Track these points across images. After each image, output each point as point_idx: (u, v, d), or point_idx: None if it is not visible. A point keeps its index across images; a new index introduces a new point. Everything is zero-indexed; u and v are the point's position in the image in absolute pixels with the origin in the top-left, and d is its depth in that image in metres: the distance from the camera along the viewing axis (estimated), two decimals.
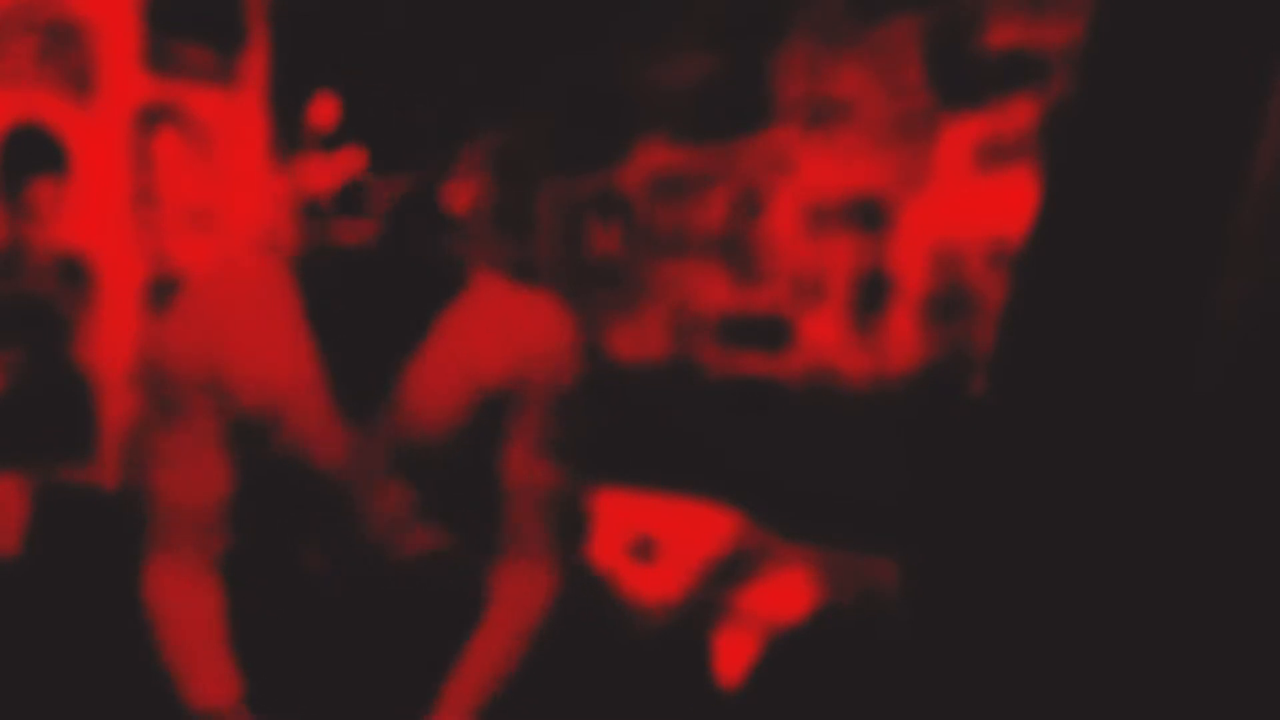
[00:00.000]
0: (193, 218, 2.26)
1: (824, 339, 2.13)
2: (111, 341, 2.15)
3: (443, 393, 1.14)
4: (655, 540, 1.96)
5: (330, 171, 1.03)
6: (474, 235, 2.83)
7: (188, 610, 1.13)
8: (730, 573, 1.89)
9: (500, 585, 1.21)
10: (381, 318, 1.13)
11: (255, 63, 2.29)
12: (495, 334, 1.16)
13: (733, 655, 1.73)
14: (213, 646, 1.12)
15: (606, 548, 1.96)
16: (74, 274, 2.10)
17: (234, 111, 2.27)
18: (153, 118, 2.17)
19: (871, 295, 2.04)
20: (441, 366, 1.14)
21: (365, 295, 1.11)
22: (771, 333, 2.23)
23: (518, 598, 1.20)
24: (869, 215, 2.04)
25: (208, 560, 1.16)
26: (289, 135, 1.06)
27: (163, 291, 2.19)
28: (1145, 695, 1.09)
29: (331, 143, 1.03)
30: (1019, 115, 1.78)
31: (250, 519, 1.18)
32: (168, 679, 1.13)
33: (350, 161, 1.02)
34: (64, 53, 2.04)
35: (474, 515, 1.23)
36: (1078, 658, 1.14)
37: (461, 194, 1.10)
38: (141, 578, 1.16)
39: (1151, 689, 1.09)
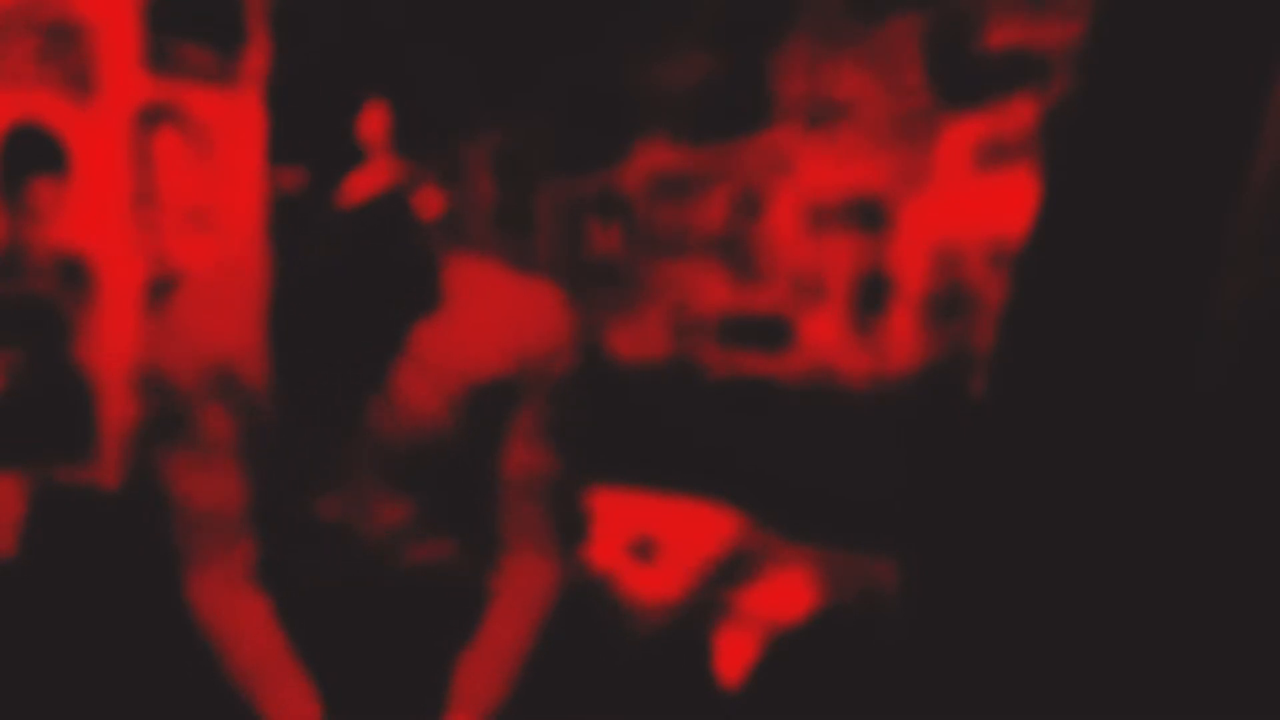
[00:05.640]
0: (193, 218, 2.26)
1: (824, 339, 2.13)
2: (111, 341, 2.15)
3: (435, 395, 1.13)
4: (655, 540, 1.96)
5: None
6: (474, 235, 2.83)
7: (249, 627, 1.12)
8: (730, 573, 1.89)
9: (507, 576, 1.20)
10: (357, 324, 1.11)
11: (255, 63, 2.28)
12: (489, 327, 1.15)
13: (733, 655, 1.73)
14: (286, 664, 1.11)
15: (606, 548, 1.96)
16: (74, 274, 2.10)
17: (234, 111, 2.27)
18: (153, 118, 2.17)
19: (871, 295, 2.04)
20: (430, 368, 1.13)
21: (338, 302, 1.09)
22: (771, 333, 2.23)
23: (526, 588, 1.19)
24: (869, 215, 2.04)
25: (249, 571, 1.15)
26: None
27: (163, 291, 2.19)
28: (1145, 694, 1.09)
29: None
30: (1019, 115, 1.78)
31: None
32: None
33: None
34: (64, 53, 2.03)
35: (477, 518, 1.22)
36: (1077, 657, 1.14)
37: (434, 200, 1.08)
38: (187, 595, 1.14)
39: (1151, 688, 1.09)
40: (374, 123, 0.99)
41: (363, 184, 0.99)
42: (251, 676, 1.10)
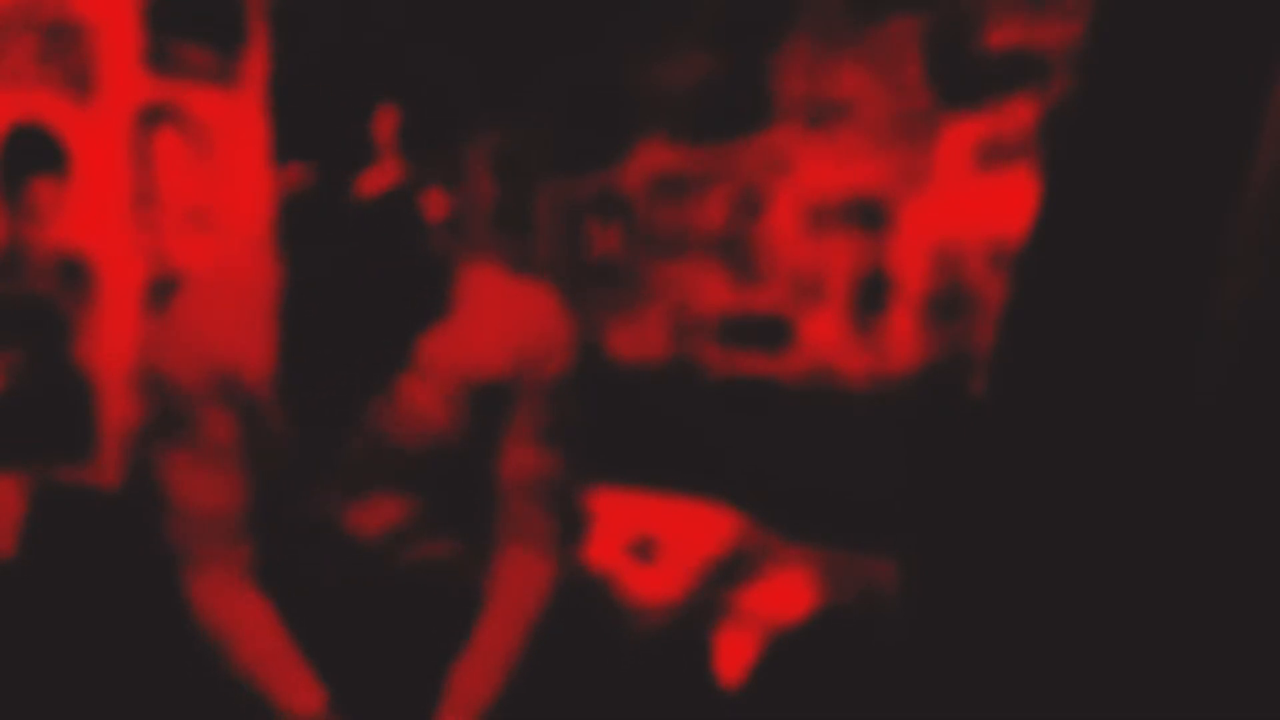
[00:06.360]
0: (193, 218, 2.26)
1: (824, 339, 2.13)
2: (111, 341, 2.15)
3: (435, 395, 1.14)
4: (655, 540, 1.96)
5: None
6: (473, 235, 2.83)
7: (250, 622, 1.13)
8: (730, 573, 1.89)
9: (501, 577, 1.20)
10: (362, 323, 1.12)
11: (255, 63, 2.28)
12: (488, 329, 1.16)
13: (733, 655, 1.73)
14: (289, 655, 1.12)
15: (606, 548, 1.96)
16: (74, 274, 2.09)
17: (234, 111, 2.27)
18: (153, 118, 2.17)
19: (871, 295, 2.04)
20: (431, 369, 1.13)
21: (348, 303, 1.10)
22: (771, 333, 2.23)
23: (519, 589, 1.20)
24: (869, 215, 2.04)
25: (247, 572, 1.15)
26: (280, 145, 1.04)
27: (163, 291, 2.19)
28: (1145, 694, 1.09)
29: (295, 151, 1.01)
30: (1019, 115, 1.78)
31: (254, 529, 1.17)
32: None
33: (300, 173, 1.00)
34: (64, 53, 2.03)
35: (478, 517, 1.22)
36: (1076, 658, 1.14)
37: (439, 202, 1.08)
38: (186, 595, 1.15)
39: (1151, 688, 1.09)
40: (382, 125, 1.00)
41: (370, 184, 1.00)
42: (256, 669, 1.10)
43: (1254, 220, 1.03)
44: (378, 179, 1.00)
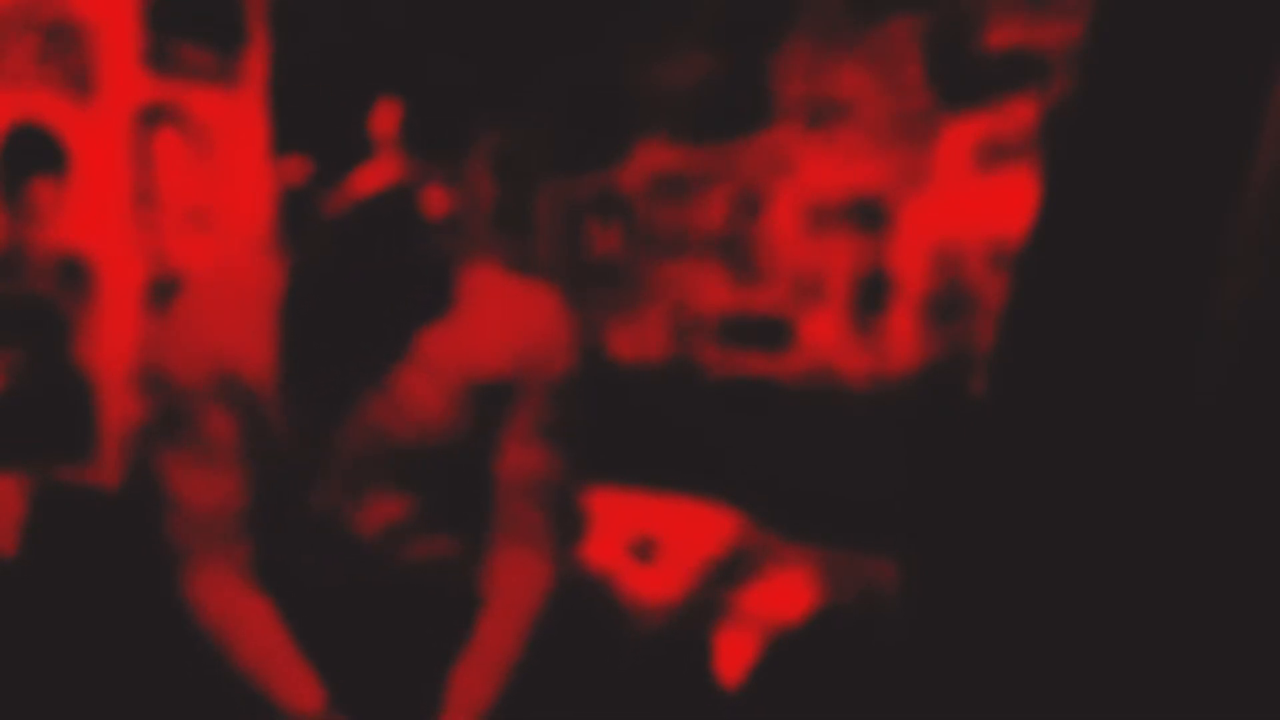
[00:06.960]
0: (193, 218, 2.26)
1: (824, 339, 2.13)
2: (111, 341, 2.15)
3: (436, 393, 1.14)
4: (655, 540, 1.96)
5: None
6: (473, 235, 2.83)
7: (251, 620, 1.13)
8: (730, 573, 1.89)
9: (498, 576, 1.20)
10: (362, 320, 1.12)
11: (255, 63, 2.28)
12: (490, 328, 1.16)
13: (733, 655, 1.73)
14: (289, 653, 1.12)
15: (606, 548, 1.96)
16: (74, 274, 2.09)
17: (234, 111, 2.27)
18: (153, 118, 2.17)
19: (871, 295, 2.04)
20: (432, 366, 1.14)
21: (349, 300, 1.10)
22: (771, 333, 2.23)
23: (517, 588, 1.20)
24: (869, 215, 2.04)
25: (247, 570, 1.15)
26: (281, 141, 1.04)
27: (163, 291, 2.19)
28: (1145, 694, 1.09)
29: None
30: (1019, 115, 1.78)
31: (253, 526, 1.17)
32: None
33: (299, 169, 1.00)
34: (64, 53, 2.03)
35: (478, 516, 1.22)
36: (1077, 658, 1.14)
37: (440, 200, 1.08)
38: (186, 593, 1.15)
39: (1151, 688, 1.09)
40: (384, 119, 1.00)
41: (369, 179, 1.00)
42: (257, 667, 1.10)
43: (1254, 220, 1.03)
44: (377, 174, 1.00)
